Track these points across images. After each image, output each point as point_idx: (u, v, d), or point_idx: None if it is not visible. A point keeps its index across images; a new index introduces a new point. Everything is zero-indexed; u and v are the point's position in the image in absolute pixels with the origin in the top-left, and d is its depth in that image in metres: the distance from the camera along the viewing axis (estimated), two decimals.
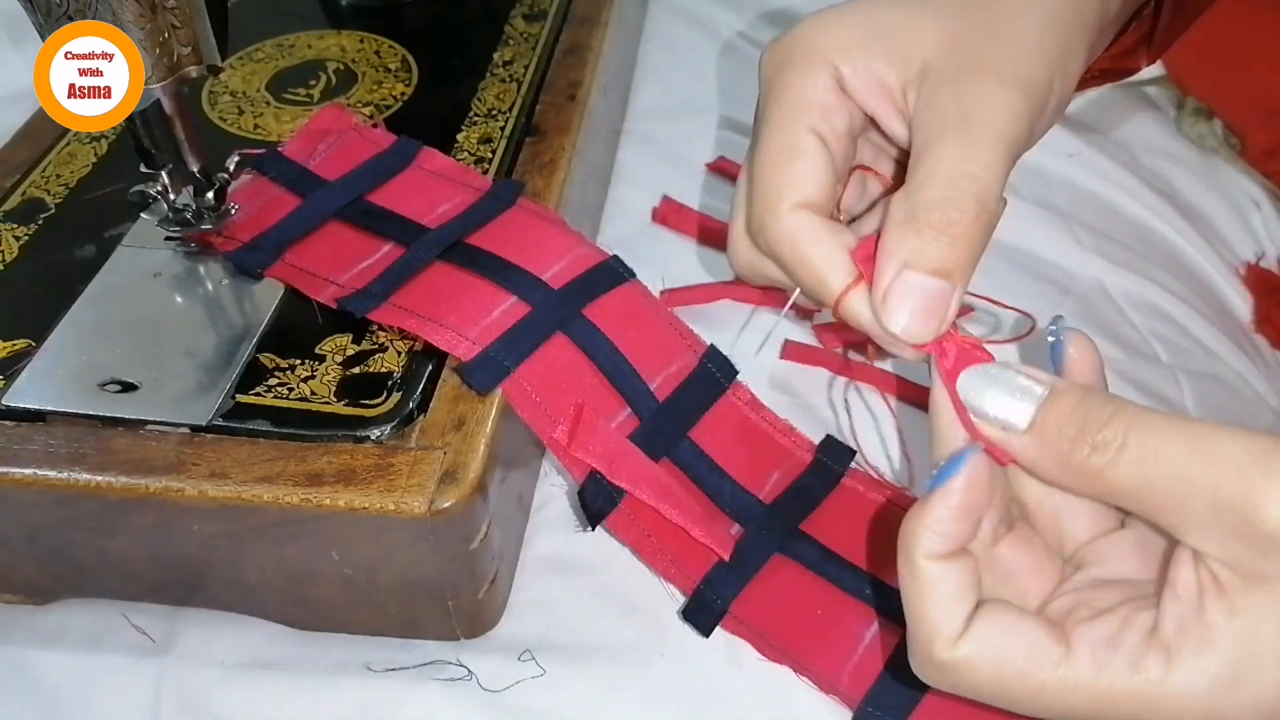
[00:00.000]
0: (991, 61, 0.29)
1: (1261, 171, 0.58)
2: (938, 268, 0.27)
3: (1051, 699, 0.25)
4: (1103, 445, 0.24)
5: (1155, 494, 0.24)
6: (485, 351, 0.35)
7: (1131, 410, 0.25)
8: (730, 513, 0.37)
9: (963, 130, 0.28)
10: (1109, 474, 0.24)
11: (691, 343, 0.40)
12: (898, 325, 0.28)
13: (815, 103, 0.30)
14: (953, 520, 0.26)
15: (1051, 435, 0.25)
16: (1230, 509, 0.23)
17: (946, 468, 0.26)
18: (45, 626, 0.36)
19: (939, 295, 0.28)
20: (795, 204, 0.30)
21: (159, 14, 0.34)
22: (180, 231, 0.40)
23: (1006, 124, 0.28)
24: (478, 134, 0.46)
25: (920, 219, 0.28)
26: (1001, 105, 0.28)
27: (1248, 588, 0.24)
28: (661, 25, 0.69)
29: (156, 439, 0.33)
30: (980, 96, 0.29)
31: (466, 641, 0.36)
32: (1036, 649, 0.25)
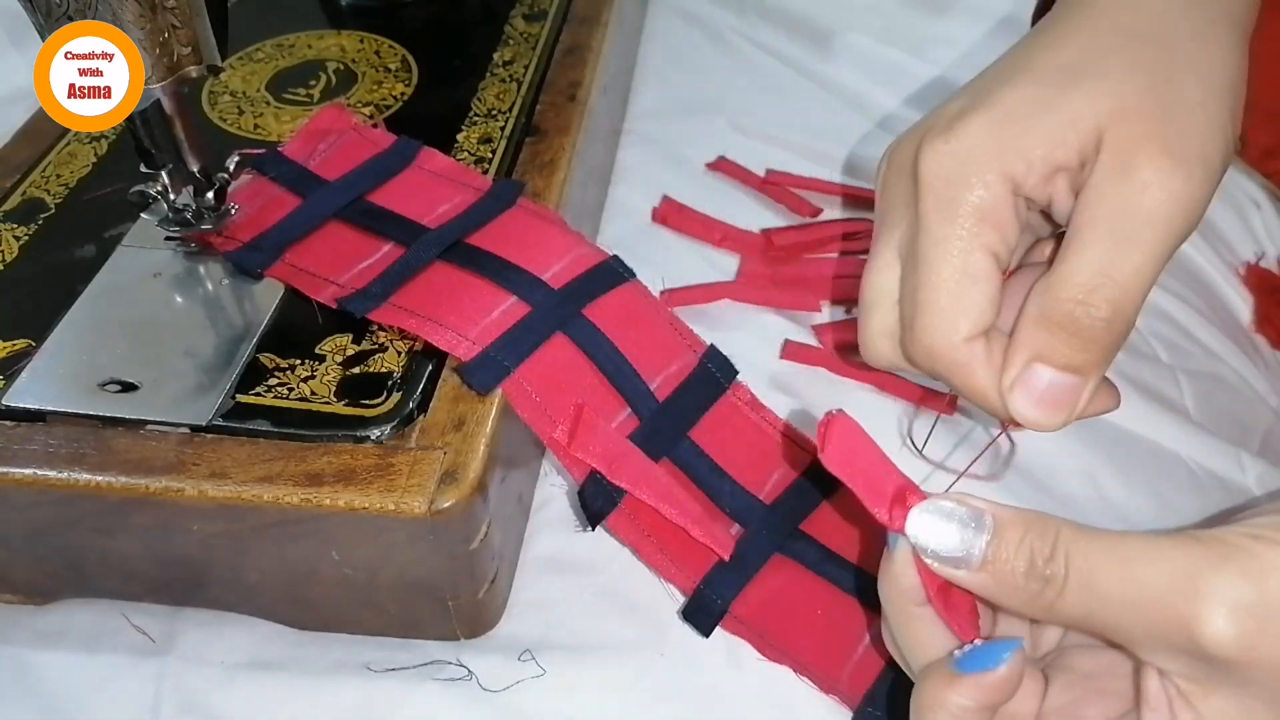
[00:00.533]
0: (1168, 138, 0.26)
1: (1261, 171, 0.58)
2: (1067, 364, 0.27)
3: None
4: (1050, 579, 0.25)
5: (1100, 621, 0.25)
6: (485, 351, 0.35)
7: (1068, 534, 0.25)
8: (730, 513, 0.37)
9: (1116, 226, 0.26)
10: (1059, 607, 0.25)
11: (691, 343, 0.40)
12: (1021, 414, 0.28)
13: (994, 221, 0.28)
14: (976, 712, 0.26)
15: (1004, 573, 0.25)
16: (1169, 631, 0.23)
17: (983, 654, 0.26)
18: (45, 626, 0.36)
19: (1067, 389, 0.27)
20: (969, 336, 0.28)
21: (159, 14, 0.34)
22: (180, 231, 0.40)
23: (1171, 215, 0.26)
24: (478, 134, 0.46)
25: (1053, 319, 0.27)
26: (1172, 192, 0.26)
27: (1209, 695, 0.24)
28: (661, 25, 0.69)
29: (156, 439, 0.33)
30: (1150, 182, 0.26)
31: (466, 641, 0.36)
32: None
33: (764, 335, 0.47)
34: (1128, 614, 0.24)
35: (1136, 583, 0.24)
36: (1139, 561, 0.24)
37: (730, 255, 0.51)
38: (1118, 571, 0.24)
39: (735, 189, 0.56)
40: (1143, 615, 0.24)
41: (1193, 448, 0.43)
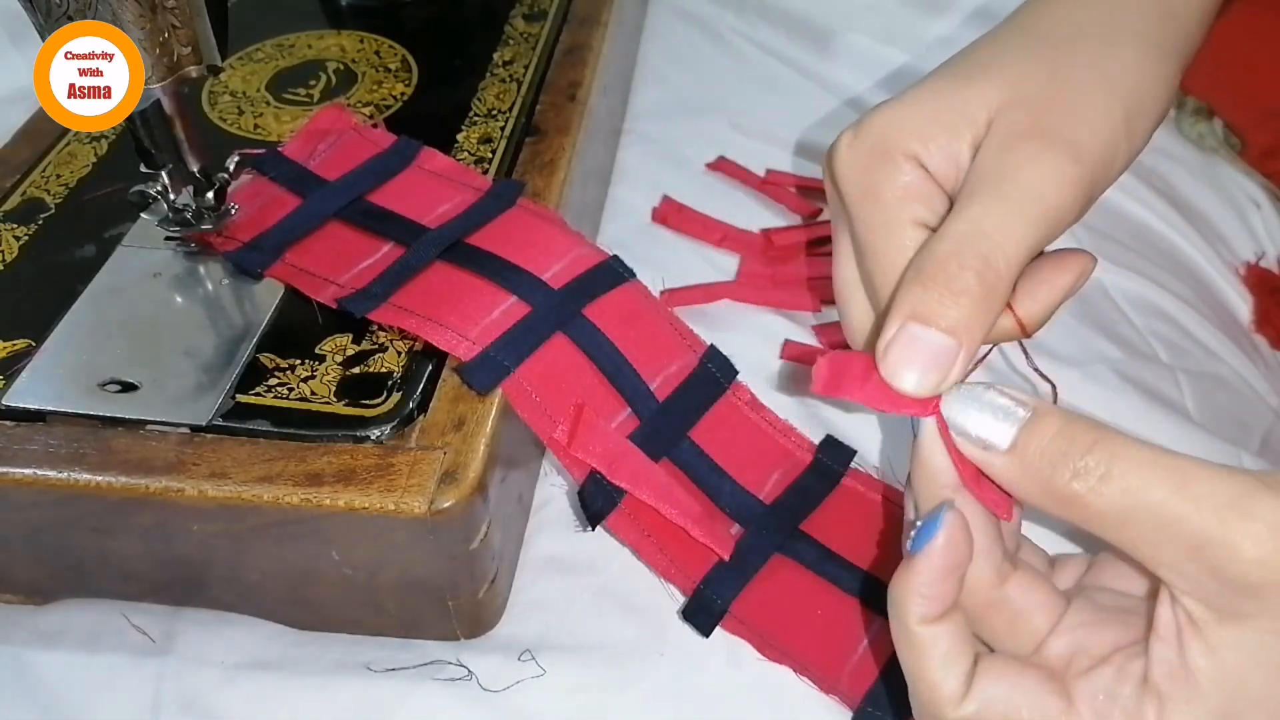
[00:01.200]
0: (1048, 125, 0.28)
1: (1261, 171, 0.58)
2: (939, 322, 0.27)
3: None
4: (1084, 472, 0.24)
5: (1134, 527, 0.24)
6: (485, 351, 0.35)
7: (1116, 440, 0.25)
8: (730, 513, 0.37)
9: (991, 191, 0.28)
10: (1090, 501, 0.24)
11: (691, 343, 0.40)
12: (893, 373, 0.27)
13: (913, 195, 0.30)
14: (937, 583, 0.26)
15: (1033, 457, 0.25)
16: (1208, 549, 0.23)
17: (923, 530, 0.26)
18: (45, 626, 0.36)
19: (941, 350, 0.27)
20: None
21: (159, 14, 0.34)
22: (180, 231, 0.40)
23: (1044, 190, 0.27)
24: (478, 134, 0.46)
25: (925, 274, 0.27)
26: (1044, 170, 0.28)
27: (1222, 624, 0.24)
28: (661, 25, 0.69)
29: (156, 439, 0.33)
30: (1023, 159, 0.28)
31: (466, 641, 0.36)
32: (1040, 704, 0.26)
33: (764, 335, 0.47)
34: (1169, 524, 0.23)
35: (1187, 493, 0.23)
36: (1193, 476, 0.24)
37: (730, 255, 0.51)
38: (1169, 480, 0.24)
39: (735, 189, 0.56)
40: (1184, 527, 0.23)
41: (1193, 448, 0.43)
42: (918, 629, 0.26)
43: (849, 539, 0.37)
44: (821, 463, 0.39)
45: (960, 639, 0.27)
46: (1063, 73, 0.29)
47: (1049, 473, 0.25)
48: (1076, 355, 0.47)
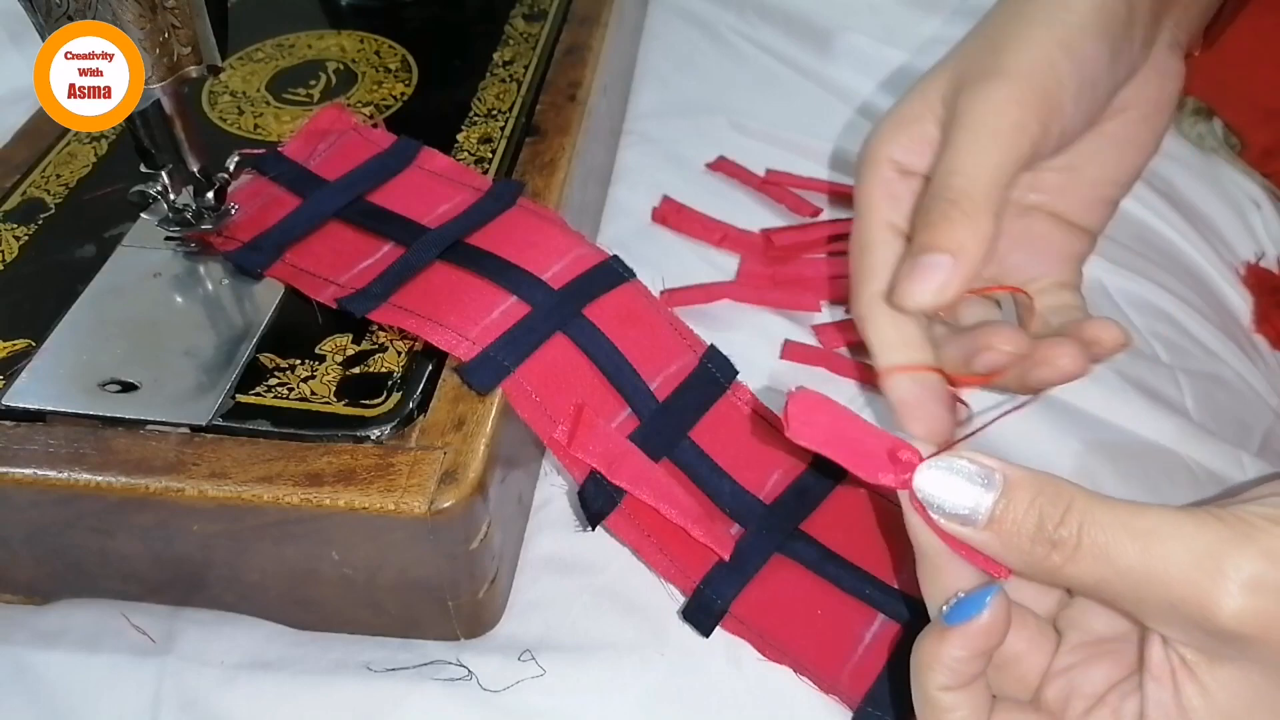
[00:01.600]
0: (989, 66, 0.32)
1: (1261, 171, 0.58)
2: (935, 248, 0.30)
3: None
4: (1060, 544, 0.25)
5: (1112, 590, 0.25)
6: (485, 351, 0.35)
7: (1082, 502, 0.25)
8: (730, 513, 0.37)
9: (949, 140, 0.32)
10: (1068, 572, 0.25)
11: (692, 343, 0.40)
12: (904, 293, 0.31)
13: (881, 198, 0.34)
14: (969, 661, 0.26)
15: (1010, 533, 0.26)
16: (1184, 606, 0.24)
17: (967, 604, 0.26)
18: (45, 626, 0.36)
19: (939, 265, 0.30)
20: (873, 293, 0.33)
21: (159, 14, 0.34)
22: (180, 231, 0.40)
23: (986, 116, 0.31)
24: (478, 134, 0.46)
25: (919, 223, 0.31)
26: (980, 100, 0.31)
27: (1214, 666, 0.24)
28: (661, 25, 0.69)
29: (156, 439, 0.33)
30: (964, 102, 0.32)
31: (466, 641, 0.36)
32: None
33: (764, 335, 0.47)
34: (1143, 586, 0.24)
35: (1155, 556, 0.24)
36: (1159, 535, 0.24)
37: (730, 255, 0.51)
38: (1136, 543, 0.24)
39: (735, 189, 0.56)
40: (1159, 588, 0.24)
41: (1192, 448, 0.43)
42: (938, 695, 0.27)
43: (849, 539, 0.37)
44: (822, 463, 0.39)
45: (981, 703, 0.27)
46: (997, 33, 0.33)
47: (1027, 547, 0.25)
48: None
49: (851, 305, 0.35)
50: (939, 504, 0.26)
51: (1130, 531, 0.24)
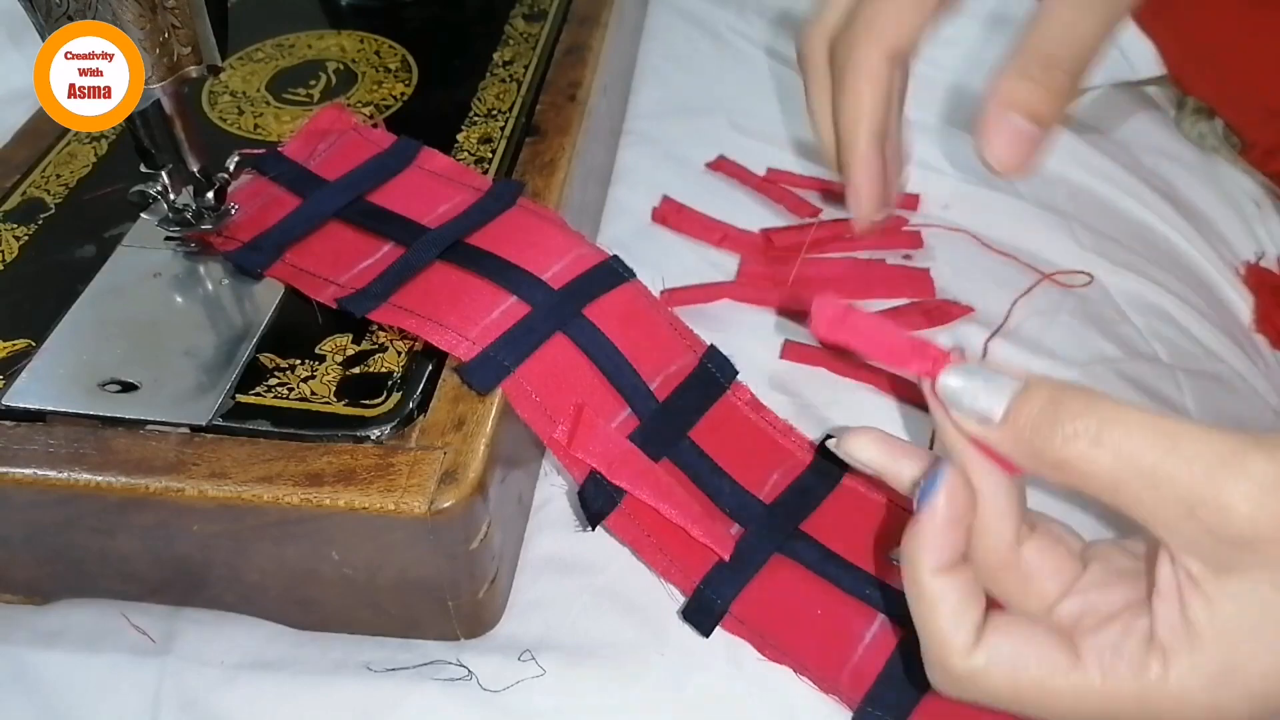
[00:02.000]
0: None
1: (1263, 171, 0.58)
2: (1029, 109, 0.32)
3: (1064, 704, 0.27)
4: (1074, 436, 0.25)
5: (1128, 490, 0.24)
6: (485, 351, 0.35)
7: (1106, 404, 0.25)
8: (730, 513, 0.37)
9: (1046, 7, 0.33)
10: (1081, 465, 0.25)
11: (691, 343, 0.40)
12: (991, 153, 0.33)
13: None
14: (943, 534, 0.27)
15: (1025, 426, 0.26)
16: (1200, 508, 0.23)
17: (925, 487, 0.27)
18: (45, 626, 0.36)
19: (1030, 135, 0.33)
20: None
21: (159, 14, 0.34)
22: (180, 231, 0.40)
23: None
24: (478, 134, 0.46)
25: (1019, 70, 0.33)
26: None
27: (1219, 578, 0.24)
28: (661, 25, 0.69)
29: (156, 439, 0.33)
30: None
31: (466, 641, 0.36)
32: (1048, 658, 0.27)
33: (764, 335, 0.47)
34: (1161, 486, 0.24)
35: (1177, 456, 0.24)
36: (1181, 438, 0.24)
37: (730, 255, 0.51)
38: (1158, 443, 0.24)
39: (735, 189, 0.56)
40: (1176, 488, 0.24)
41: None
42: (929, 580, 0.27)
43: (849, 539, 0.37)
44: (821, 462, 0.39)
45: (970, 593, 0.27)
46: None
47: (1041, 440, 0.25)
48: (1077, 355, 0.47)
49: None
50: (959, 400, 0.27)
51: (1153, 430, 0.24)
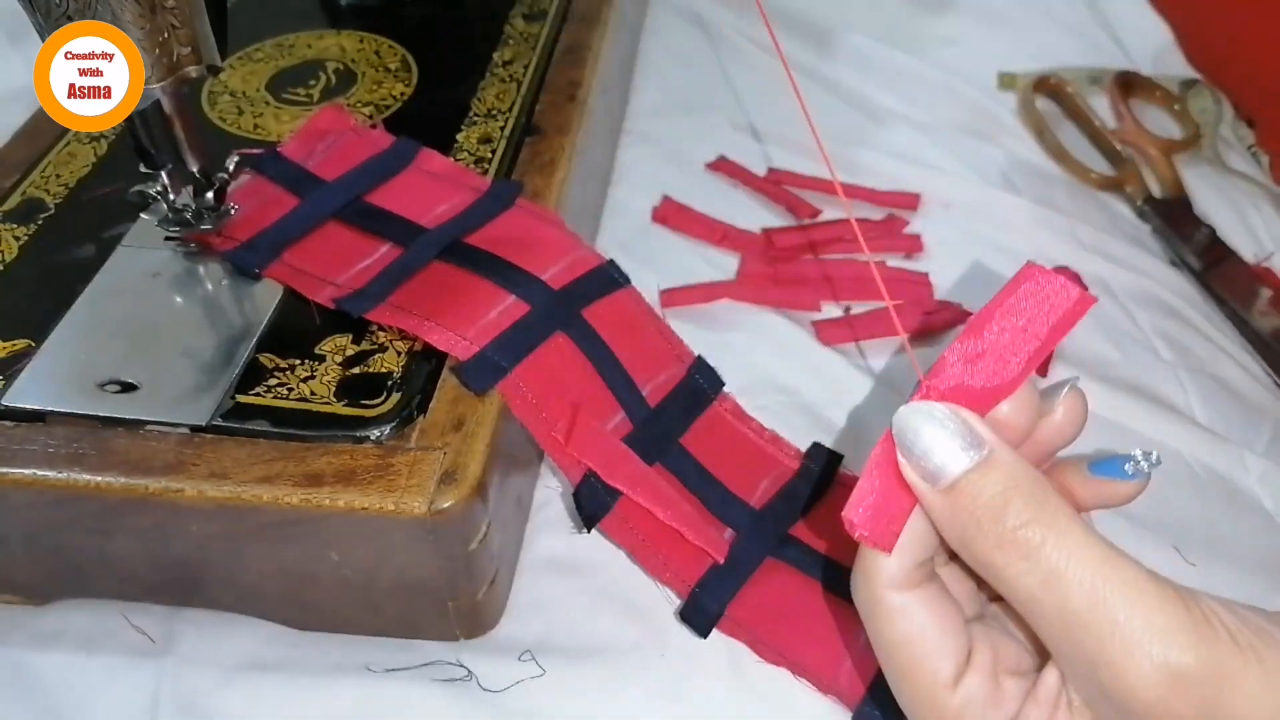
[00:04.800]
0: None
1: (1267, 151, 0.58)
2: None
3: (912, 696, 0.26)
4: (1011, 541, 0.23)
5: (1043, 616, 0.23)
6: (483, 351, 0.35)
7: (1059, 518, 0.23)
8: (721, 518, 0.37)
9: None
10: (1006, 572, 0.24)
11: (680, 353, 0.40)
12: None
13: None
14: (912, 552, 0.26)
15: (965, 507, 0.24)
16: (1106, 671, 0.23)
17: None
18: (45, 627, 0.36)
19: None
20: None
21: (159, 14, 0.34)
22: (180, 231, 0.40)
23: None
24: (477, 134, 0.46)
25: None
26: None
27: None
28: (661, 25, 0.69)
29: (156, 439, 0.33)
30: None
31: (466, 642, 0.36)
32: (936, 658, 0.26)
33: (764, 335, 0.47)
34: (1076, 631, 0.23)
35: (1105, 610, 0.22)
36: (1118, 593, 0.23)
37: (730, 255, 0.51)
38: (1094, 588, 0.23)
39: (735, 189, 0.56)
40: (1090, 642, 0.23)
41: (1197, 447, 0.43)
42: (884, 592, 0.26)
43: (839, 542, 0.37)
44: (810, 469, 0.39)
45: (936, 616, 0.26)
46: None
47: (975, 529, 0.24)
48: (1077, 354, 0.47)
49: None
50: (911, 445, 0.25)
51: (1092, 572, 0.23)
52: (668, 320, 0.40)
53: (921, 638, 0.25)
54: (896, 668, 0.26)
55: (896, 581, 0.26)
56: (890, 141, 0.59)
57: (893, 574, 0.25)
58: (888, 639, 0.26)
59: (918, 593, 0.26)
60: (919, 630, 0.26)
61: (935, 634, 0.26)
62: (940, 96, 0.63)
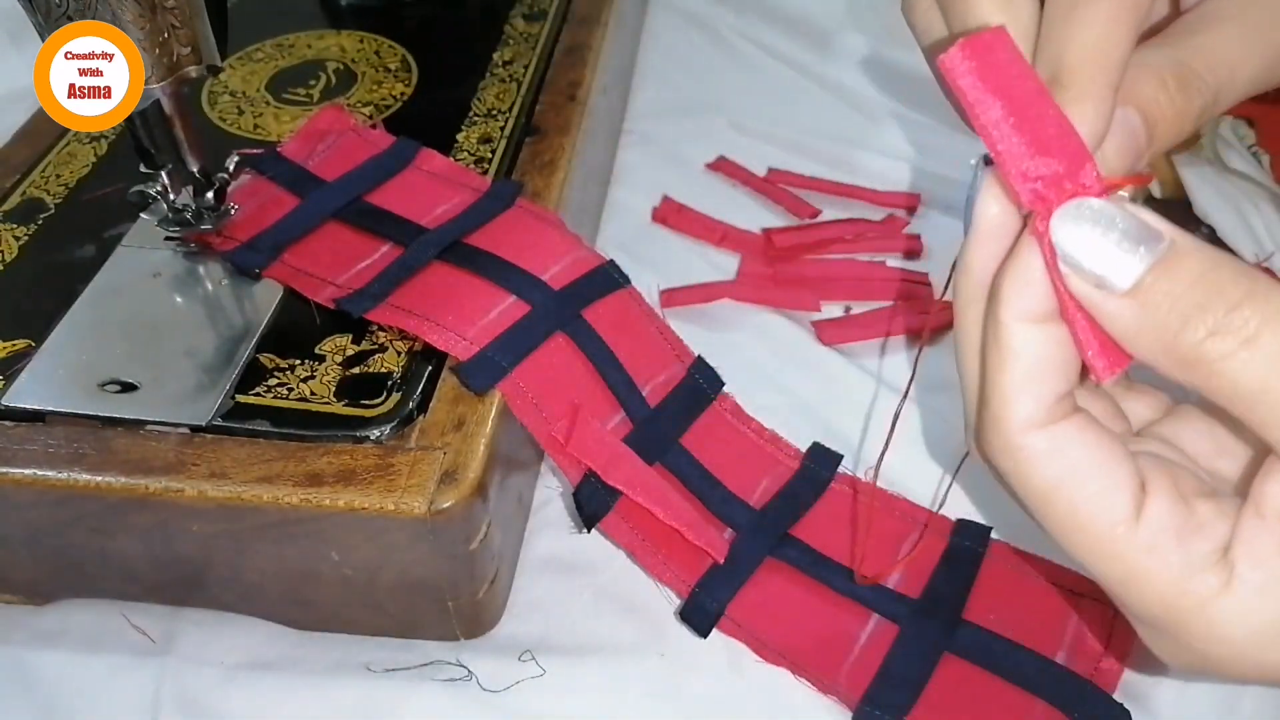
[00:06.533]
0: None
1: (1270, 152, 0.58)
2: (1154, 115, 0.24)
3: (1088, 545, 0.23)
4: (1223, 330, 0.20)
5: (1270, 407, 0.20)
6: (483, 351, 0.35)
7: (1273, 297, 0.20)
8: (721, 517, 0.37)
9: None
10: (1225, 369, 0.20)
11: (680, 353, 0.40)
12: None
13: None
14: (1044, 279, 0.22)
15: (1160, 305, 0.21)
16: None
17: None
18: (45, 626, 0.36)
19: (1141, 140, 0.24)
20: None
21: (159, 14, 0.34)
22: (180, 231, 0.40)
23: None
24: (477, 134, 0.46)
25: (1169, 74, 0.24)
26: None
27: None
28: (661, 25, 0.69)
29: (156, 439, 0.33)
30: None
31: (466, 642, 0.36)
32: (1107, 494, 0.22)
33: (764, 335, 0.47)
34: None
35: None
36: None
37: (730, 255, 0.51)
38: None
39: (735, 189, 0.56)
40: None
41: None
42: (1012, 325, 0.22)
43: (839, 542, 0.37)
44: (809, 468, 0.39)
45: (1054, 360, 0.23)
46: None
47: (1177, 327, 0.21)
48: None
49: None
50: (1076, 251, 0.21)
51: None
52: (668, 320, 0.41)
53: (1080, 475, 0.22)
54: (1059, 518, 0.23)
55: (1036, 421, 0.22)
56: (890, 142, 0.59)
57: (1029, 414, 0.22)
58: (1039, 488, 0.23)
59: (1062, 427, 0.23)
60: (1075, 467, 0.22)
61: (1096, 467, 0.22)
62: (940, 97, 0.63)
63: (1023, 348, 0.22)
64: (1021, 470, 0.23)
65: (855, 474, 0.40)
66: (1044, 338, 0.22)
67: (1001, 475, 0.24)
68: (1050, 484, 0.23)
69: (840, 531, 0.37)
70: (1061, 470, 0.22)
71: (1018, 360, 0.22)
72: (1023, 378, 0.22)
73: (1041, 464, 0.23)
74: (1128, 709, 0.32)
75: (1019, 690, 0.33)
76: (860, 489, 0.39)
